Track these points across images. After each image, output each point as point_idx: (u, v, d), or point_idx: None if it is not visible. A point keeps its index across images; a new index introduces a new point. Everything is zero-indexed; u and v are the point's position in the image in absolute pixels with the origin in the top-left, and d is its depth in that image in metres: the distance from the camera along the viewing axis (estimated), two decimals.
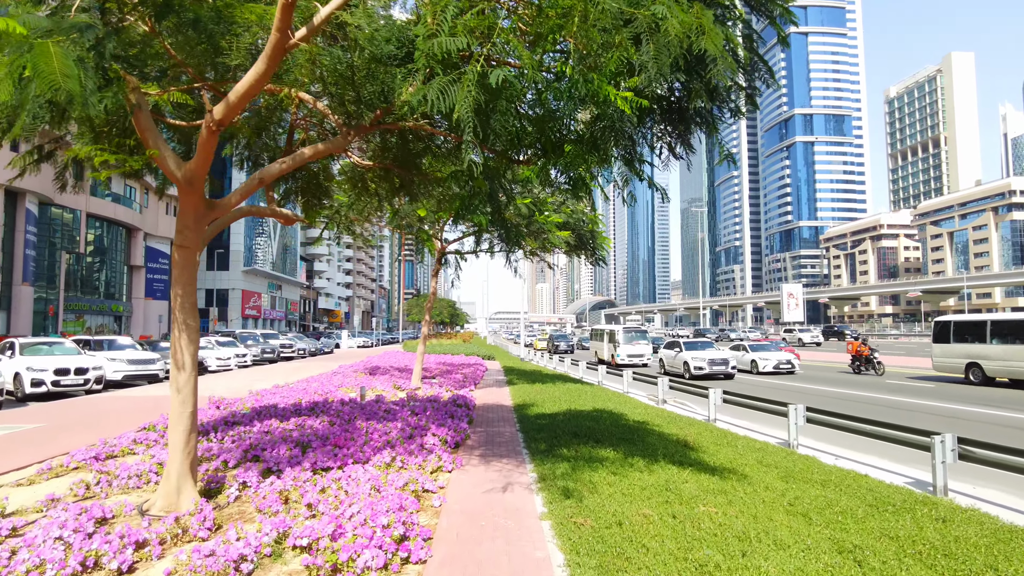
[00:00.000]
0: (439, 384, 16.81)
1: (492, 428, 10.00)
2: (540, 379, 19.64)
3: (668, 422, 11.16)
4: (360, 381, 17.44)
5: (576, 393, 15.49)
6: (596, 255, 16.31)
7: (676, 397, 16.86)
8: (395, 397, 14.09)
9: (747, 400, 11.71)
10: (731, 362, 23.65)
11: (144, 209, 50.76)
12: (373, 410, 10.50)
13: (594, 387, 18.32)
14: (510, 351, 48.80)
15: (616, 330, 32.63)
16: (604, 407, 12.62)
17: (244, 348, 29.44)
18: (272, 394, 13.73)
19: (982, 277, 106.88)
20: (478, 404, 13.37)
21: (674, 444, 8.67)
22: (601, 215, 15.49)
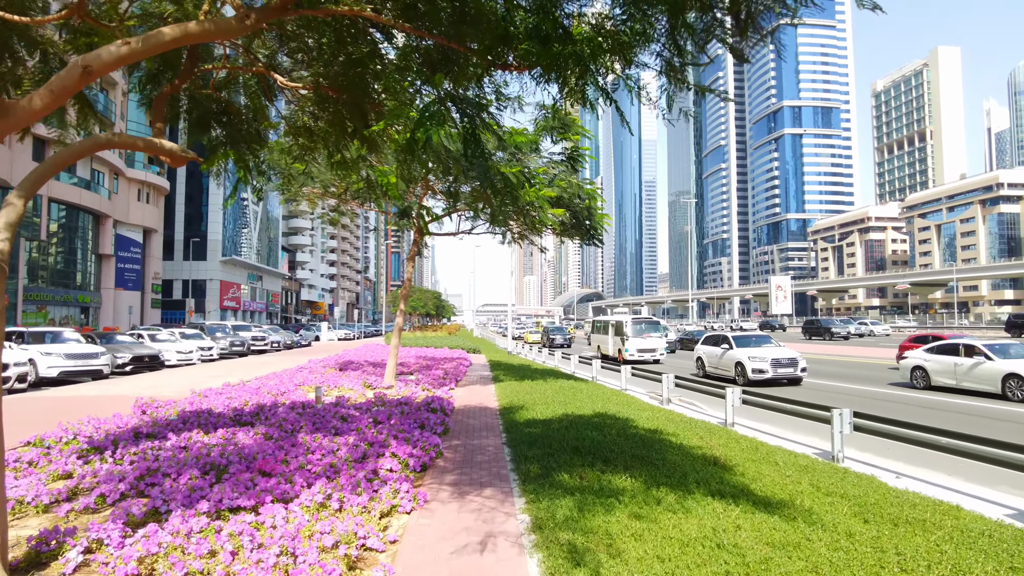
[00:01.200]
0: (415, 382, 14.91)
1: (472, 440, 8.09)
2: (529, 375, 17.77)
3: (683, 429, 9.36)
4: (326, 378, 15.50)
5: (570, 392, 13.65)
6: (593, 236, 14.41)
7: (682, 395, 15.09)
8: (361, 398, 12.17)
9: (778, 403, 9.90)
10: (800, 363, 18.39)
11: (113, 195, 48.21)
12: (326, 418, 8.58)
13: (589, 384, 16.50)
14: (497, 344, 46.89)
15: (624, 321, 28.21)
16: (605, 410, 10.78)
17: (210, 341, 27.34)
18: (218, 395, 11.77)
19: (971, 269, 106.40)
20: (458, 406, 11.48)
21: (702, 462, 6.84)
22: (600, 188, 13.54)
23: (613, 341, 28.90)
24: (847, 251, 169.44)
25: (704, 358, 21.20)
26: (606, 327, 30.50)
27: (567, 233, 14.78)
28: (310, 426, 7.93)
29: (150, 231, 54.67)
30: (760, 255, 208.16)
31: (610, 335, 29.36)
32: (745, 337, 20.26)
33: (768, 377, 18.00)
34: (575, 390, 14.11)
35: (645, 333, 27.67)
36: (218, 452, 6.30)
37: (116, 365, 19.59)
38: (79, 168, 43.64)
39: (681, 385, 13.99)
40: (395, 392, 13.41)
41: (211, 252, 67.83)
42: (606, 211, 14.56)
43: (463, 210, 14.62)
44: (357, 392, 13.12)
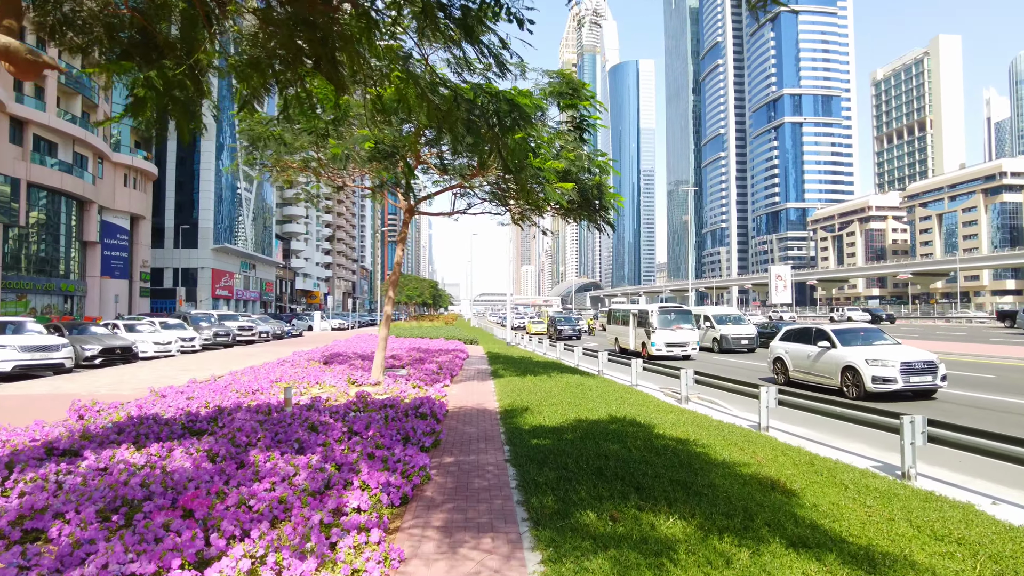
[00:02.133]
0: (406, 377, 13.45)
1: (468, 455, 6.61)
2: (531, 369, 16.32)
3: (716, 437, 7.93)
4: (308, 373, 14.03)
5: (578, 389, 12.21)
6: (603, 218, 12.91)
7: (701, 392, 13.67)
8: (342, 398, 10.71)
9: (830, 408, 8.45)
10: (940, 368, 13.06)
11: (98, 180, 46.47)
12: (292, 427, 7.10)
13: (597, 379, 15.06)
14: (495, 334, 45.45)
15: (649, 311, 24.45)
16: (622, 412, 9.35)
17: (193, 331, 25.84)
18: (178, 394, 10.30)
19: (974, 259, 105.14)
20: (453, 408, 10.01)
21: (758, 488, 5.41)
22: (613, 160, 12.00)
23: (635, 334, 25.63)
24: (847, 241, 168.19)
25: (787, 359, 15.59)
26: (626, 317, 27.02)
27: (573, 214, 13.28)
28: (269, 438, 6.45)
29: (138, 217, 52.97)
30: (759, 245, 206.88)
31: (631, 327, 25.99)
32: (850, 332, 14.99)
33: (896, 389, 12.75)
34: (583, 387, 12.67)
35: (674, 324, 24.03)
36: (140, 480, 4.84)
37: (84, 358, 18.10)
38: (60, 151, 41.94)
39: (701, 381, 12.56)
40: (382, 390, 11.95)
41: (202, 240, 66.28)
42: (618, 190, 13.10)
43: (459, 185, 13.11)
44: (339, 390, 11.66)
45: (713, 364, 20.92)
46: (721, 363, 21.64)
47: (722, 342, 26.02)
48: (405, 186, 11.06)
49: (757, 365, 20.15)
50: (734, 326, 26.48)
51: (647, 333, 24.00)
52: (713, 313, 27.70)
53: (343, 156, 9.03)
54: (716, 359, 23.50)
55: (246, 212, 77.76)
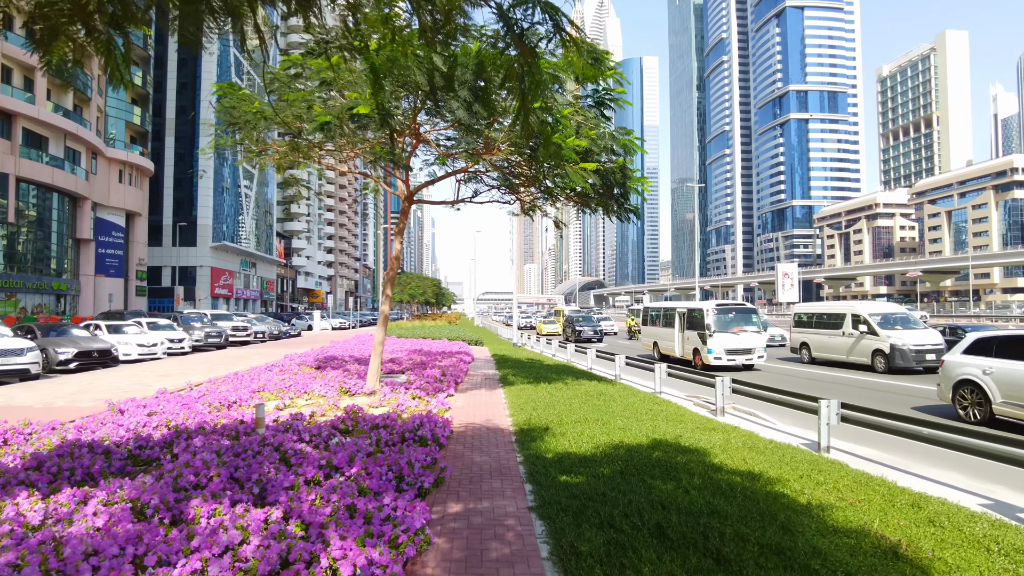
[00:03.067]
0: (405, 385, 11.98)
1: (480, 501, 5.08)
2: (543, 375, 14.83)
3: (783, 465, 6.45)
4: (297, 380, 12.58)
5: (600, 400, 10.74)
6: (625, 207, 11.41)
7: (737, 402, 12.19)
8: (330, 412, 9.26)
9: (920, 429, 6.94)
10: None
11: (92, 176, 45.09)
12: (258, 459, 5.64)
13: (617, 386, 13.58)
14: (500, 334, 43.95)
15: (705, 309, 19.97)
16: (659, 431, 7.88)
17: (182, 332, 24.42)
18: (139, 408, 8.87)
19: (986, 256, 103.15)
20: (458, 427, 8.52)
21: (879, 557, 3.95)
22: (639, 139, 10.48)
23: (683, 338, 21.20)
24: (854, 238, 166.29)
25: (992, 385, 10.17)
26: (668, 317, 22.64)
27: (592, 201, 11.78)
28: (225, 477, 4.99)
29: (134, 215, 51.64)
30: (764, 242, 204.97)
31: (677, 329, 21.62)
32: None
33: None
34: (604, 396, 11.19)
35: (737, 326, 19.59)
36: (15, 556, 3.38)
37: (58, 362, 16.70)
38: (51, 146, 40.57)
39: (738, 391, 11.09)
40: (377, 400, 10.49)
41: (201, 238, 64.94)
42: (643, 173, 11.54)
43: (463, 170, 11.62)
44: (329, 401, 10.20)
45: (806, 379, 17.16)
46: (806, 376, 17.80)
47: (894, 357, 17.90)
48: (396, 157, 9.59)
49: (886, 384, 15.76)
50: (909, 331, 18.41)
51: (702, 337, 19.67)
52: (873, 312, 19.52)
53: (333, 126, 7.60)
54: (811, 372, 19.02)
55: (246, 210, 76.45)
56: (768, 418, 11.25)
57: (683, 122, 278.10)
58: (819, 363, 21.35)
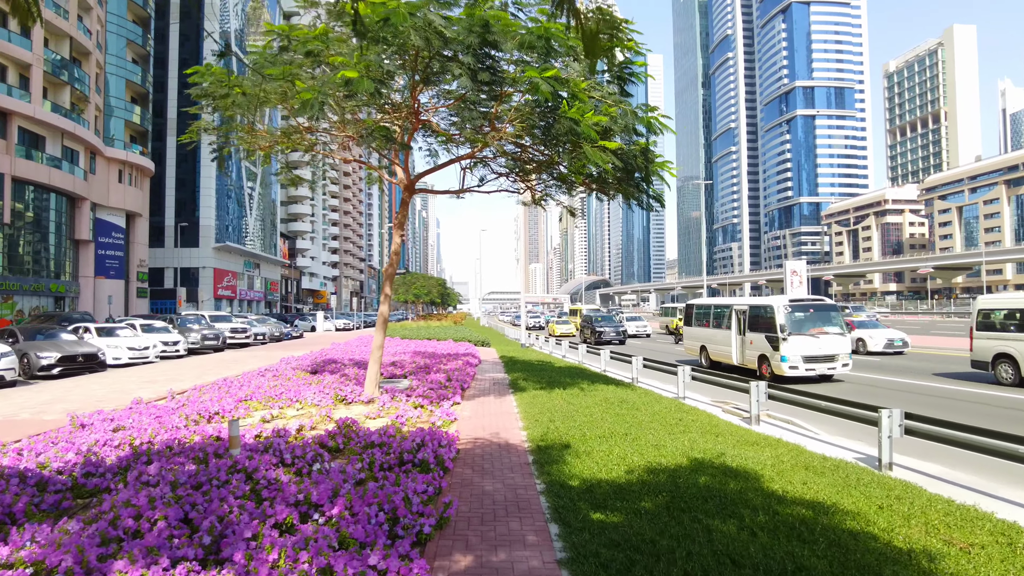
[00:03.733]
0: (407, 392, 10.93)
1: (493, 554, 3.86)
2: (556, 378, 13.76)
3: (854, 493, 5.38)
4: (289, 387, 11.53)
5: (621, 407, 9.67)
6: (647, 191, 10.33)
7: (771, 408, 11.08)
8: (320, 425, 8.23)
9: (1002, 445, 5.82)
10: None
11: (90, 176, 44.24)
12: (224, 487, 4.60)
13: (634, 389, 12.51)
14: (507, 334, 42.84)
15: (775, 306, 15.86)
16: (697, 448, 6.80)
17: (177, 335, 23.46)
18: (105, 422, 7.83)
19: (999, 252, 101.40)
20: (464, 443, 7.42)
21: None
22: (663, 116, 9.34)
23: (743, 342, 17.27)
24: (863, 235, 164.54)
25: None
26: (721, 316, 18.76)
27: (610, 188, 10.70)
28: (173, 520, 3.94)
29: (134, 215, 50.81)
30: (772, 240, 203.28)
31: (734, 331, 17.64)
32: None
33: None
34: (626, 404, 10.12)
35: (815, 326, 15.72)
36: None
37: (40, 367, 15.73)
38: (48, 145, 39.73)
39: (776, 397, 10.00)
40: (375, 410, 9.45)
41: (203, 238, 64.16)
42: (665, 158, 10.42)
43: (468, 156, 10.54)
44: (321, 412, 9.16)
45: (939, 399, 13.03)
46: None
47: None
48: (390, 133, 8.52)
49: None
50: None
51: (772, 341, 15.68)
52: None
53: (317, 102, 6.57)
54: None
55: (250, 210, 75.70)
56: (805, 425, 10.18)
57: (688, 119, 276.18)
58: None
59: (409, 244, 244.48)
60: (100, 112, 46.51)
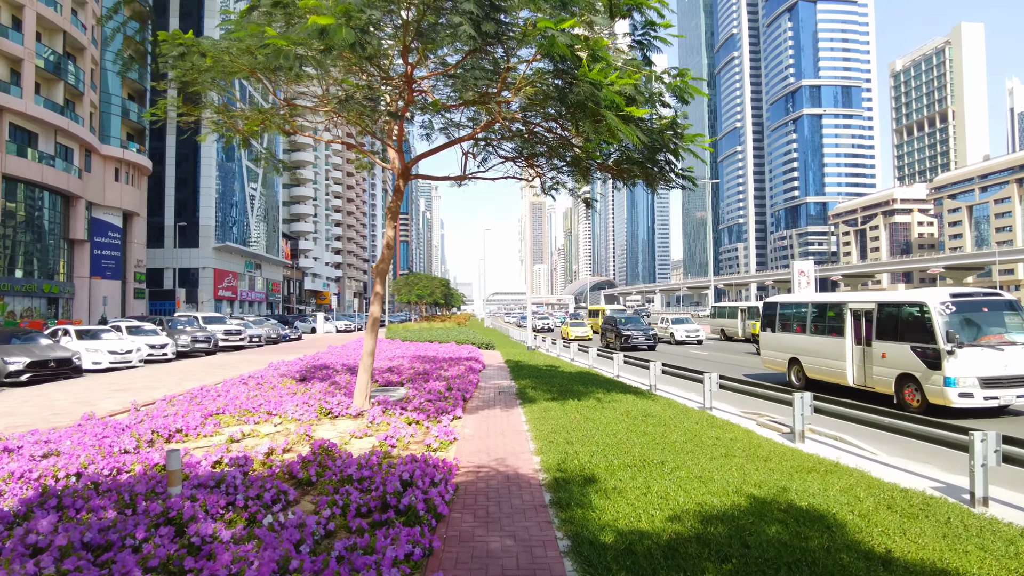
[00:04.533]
0: (401, 404, 9.65)
1: None
2: (567, 386, 12.44)
3: (961, 541, 4.13)
4: (271, 397, 10.27)
5: (647, 423, 8.38)
6: (676, 173, 9.04)
7: (817, 421, 9.75)
8: (294, 448, 6.93)
9: None
10: None
11: (85, 174, 43.11)
12: (121, 560, 3.32)
13: (655, 399, 11.20)
14: (512, 336, 41.50)
15: (928, 303, 11.69)
16: (753, 484, 5.49)
17: (164, 338, 22.25)
18: (34, 446, 6.56)
19: (1012, 252, 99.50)
20: (464, 474, 6.09)
21: None
22: (695, 79, 7.97)
23: (868, 355, 12.95)
24: (870, 235, 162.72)
25: None
26: (825, 316, 14.54)
27: (634, 171, 9.40)
28: None
29: (131, 215, 49.68)
30: (778, 240, 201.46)
31: (850, 339, 13.47)
32: None
33: None
34: (652, 418, 8.83)
35: (993, 333, 11.59)
36: None
37: (7, 373, 14.54)
38: (41, 142, 38.62)
39: (824, 410, 8.70)
40: (363, 426, 8.18)
41: (203, 238, 63.11)
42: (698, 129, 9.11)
43: (469, 137, 9.25)
44: (300, 428, 7.88)
45: None
46: None
47: None
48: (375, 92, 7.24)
49: None
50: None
51: (926, 356, 11.40)
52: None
53: (292, 52, 5.33)
54: None
55: (251, 210, 74.63)
56: (854, 441, 8.89)
57: (693, 119, 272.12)
58: None
59: (413, 245, 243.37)
60: (96, 109, 45.40)
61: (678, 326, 33.32)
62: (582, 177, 10.50)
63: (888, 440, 8.69)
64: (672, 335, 32.81)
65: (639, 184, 10.25)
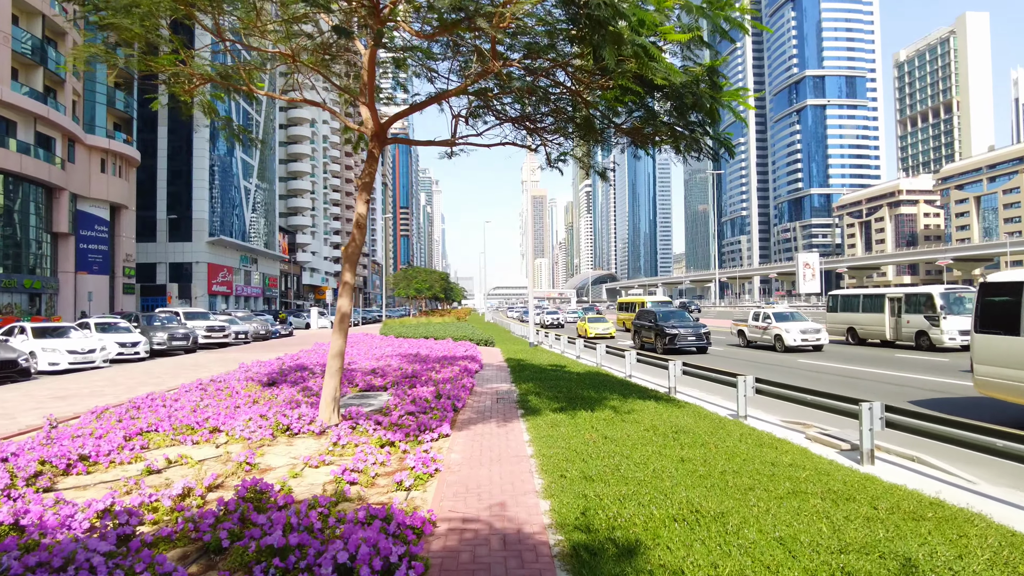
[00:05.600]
0: (377, 417, 7.93)
1: None
2: (575, 389, 10.70)
3: None
4: (222, 408, 8.53)
5: (680, 442, 6.68)
6: (711, 136, 7.31)
7: (896, 439, 7.99)
8: (225, 482, 5.23)
9: None
10: None
11: (68, 165, 41.35)
12: None
13: (679, 405, 9.45)
14: (513, 331, 39.72)
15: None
16: (860, 545, 3.78)
17: (137, 335, 20.53)
18: None
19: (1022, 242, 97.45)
20: (444, 531, 4.32)
21: None
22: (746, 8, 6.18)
23: None
24: (876, 227, 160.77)
25: None
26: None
27: (660, 134, 7.66)
28: None
29: (120, 207, 47.93)
30: (782, 232, 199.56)
31: None
32: None
33: None
34: (684, 434, 7.12)
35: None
36: None
37: None
38: (19, 131, 36.84)
39: (895, 423, 6.99)
40: (324, 448, 6.46)
41: (197, 232, 61.49)
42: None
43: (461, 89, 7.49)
44: (241, 454, 6.15)
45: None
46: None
47: None
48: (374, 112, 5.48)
49: None
50: None
51: None
52: None
53: None
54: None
55: (246, 203, 72.90)
56: (934, 461, 7.15)
57: None
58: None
59: (414, 240, 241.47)
60: (79, 97, 43.58)
61: (787, 324, 23.00)
62: (595, 142, 8.73)
63: (975, 460, 6.98)
64: (778, 338, 22.77)
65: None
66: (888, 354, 20.44)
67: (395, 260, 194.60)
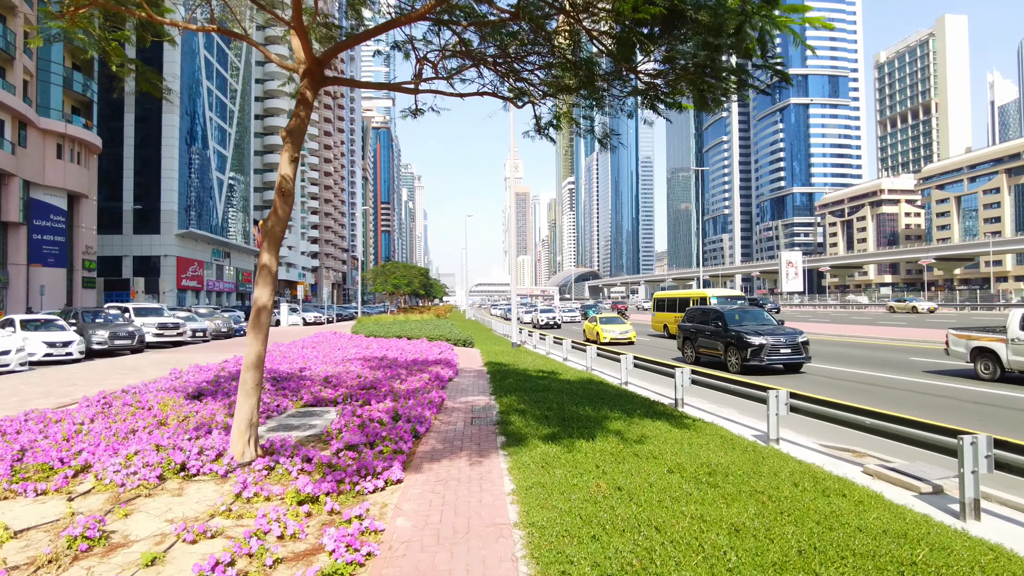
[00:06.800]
0: (308, 449, 5.94)
1: None
2: (568, 404, 8.76)
3: None
4: (112, 432, 6.53)
5: (719, 492, 4.80)
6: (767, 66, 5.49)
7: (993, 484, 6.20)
8: None
9: None
10: None
11: (19, 149, 38.59)
12: None
13: (698, 428, 7.55)
14: (494, 329, 37.71)
15: None
16: None
17: (70, 334, 18.24)
18: None
19: (1003, 242, 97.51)
20: None
21: None
22: None
23: None
24: (857, 226, 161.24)
25: None
26: None
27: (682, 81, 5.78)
28: None
29: (78, 196, 45.10)
30: (764, 231, 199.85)
31: None
32: None
33: None
34: (721, 476, 5.25)
35: None
36: None
37: None
38: None
39: (1007, 463, 5.17)
40: (216, 509, 4.46)
41: (166, 224, 58.79)
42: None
43: (421, 13, 5.53)
44: (86, 521, 4.18)
45: None
46: None
47: None
48: None
49: None
50: None
51: None
52: None
53: None
54: None
55: (218, 195, 70.08)
56: None
57: None
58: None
59: (395, 235, 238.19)
60: (32, 77, 40.73)
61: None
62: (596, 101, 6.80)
63: None
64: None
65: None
66: None
67: (376, 256, 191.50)
